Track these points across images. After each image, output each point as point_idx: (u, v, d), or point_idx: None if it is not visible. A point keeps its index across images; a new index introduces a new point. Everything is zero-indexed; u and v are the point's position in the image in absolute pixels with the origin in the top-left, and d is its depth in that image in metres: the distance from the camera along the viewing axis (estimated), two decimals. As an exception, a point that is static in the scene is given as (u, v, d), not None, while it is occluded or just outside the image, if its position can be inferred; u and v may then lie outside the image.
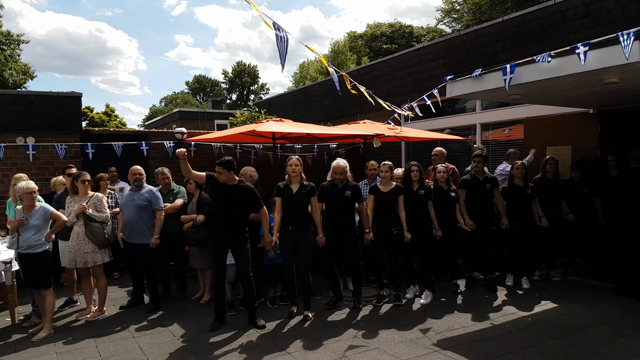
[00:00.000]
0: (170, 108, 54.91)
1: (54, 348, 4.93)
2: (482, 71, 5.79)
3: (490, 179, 6.59)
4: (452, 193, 6.44)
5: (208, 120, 30.46)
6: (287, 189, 5.65)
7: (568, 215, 6.93)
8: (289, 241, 5.62)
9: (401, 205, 6.02)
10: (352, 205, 5.88)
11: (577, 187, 6.99)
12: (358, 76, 12.11)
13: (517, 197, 6.57)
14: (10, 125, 7.89)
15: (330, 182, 5.89)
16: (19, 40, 27.27)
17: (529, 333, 5.01)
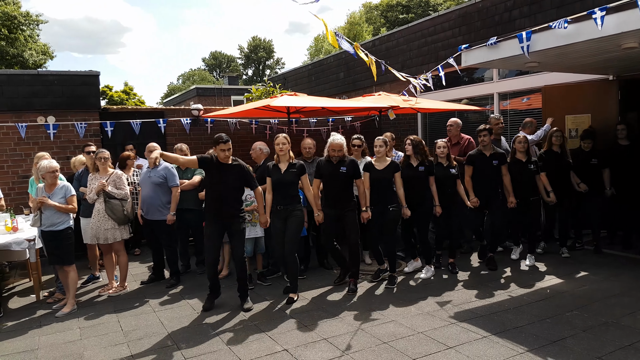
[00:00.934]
0: (187, 85, 55.01)
1: (77, 323, 5.09)
2: (497, 39, 5.65)
3: (499, 155, 6.30)
4: (452, 169, 6.22)
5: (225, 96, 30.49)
6: (276, 168, 5.53)
7: (580, 185, 6.68)
8: (278, 221, 5.52)
9: (398, 183, 5.82)
10: (348, 181, 5.69)
11: (586, 157, 6.73)
12: (373, 47, 11.95)
13: (520, 173, 6.34)
14: (31, 105, 8.01)
15: (327, 158, 5.72)
16: (38, 20, 27.44)
17: (547, 304, 5.00)
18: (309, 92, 13.77)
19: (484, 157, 6.29)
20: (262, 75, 60.01)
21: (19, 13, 25.26)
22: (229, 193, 5.18)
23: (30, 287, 6.39)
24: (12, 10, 24.82)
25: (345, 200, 5.68)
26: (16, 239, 5.73)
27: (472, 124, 9.74)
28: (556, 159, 6.59)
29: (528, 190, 6.35)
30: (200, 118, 9.17)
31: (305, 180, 5.52)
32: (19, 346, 4.54)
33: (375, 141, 5.90)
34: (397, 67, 10.26)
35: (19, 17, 25.15)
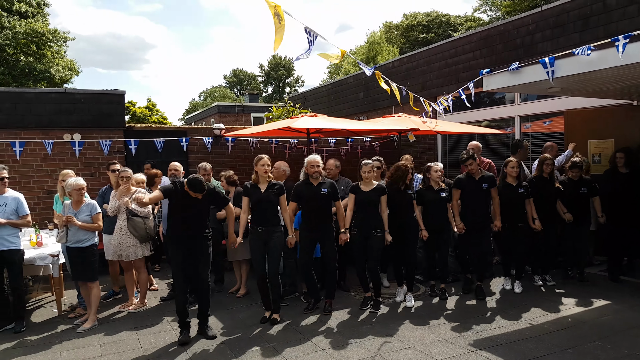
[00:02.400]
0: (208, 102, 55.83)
1: (98, 339, 5.15)
2: (519, 64, 5.67)
3: (487, 178, 6.18)
4: (442, 193, 6.12)
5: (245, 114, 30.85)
6: (255, 188, 5.44)
7: (565, 215, 6.53)
8: (258, 242, 5.43)
9: (384, 207, 5.71)
10: (329, 203, 5.64)
11: (575, 186, 6.61)
12: (393, 68, 12.03)
13: (510, 197, 6.19)
14: (58, 122, 8.23)
15: (305, 180, 5.67)
16: (65, 37, 28.19)
17: (568, 334, 4.91)
18: (328, 111, 13.89)
19: (472, 181, 6.18)
20: (282, 93, 60.71)
21: (47, 30, 25.98)
22: (195, 219, 5.03)
23: (52, 301, 6.50)
24: (41, 28, 25.55)
25: (325, 222, 5.64)
26: (40, 254, 5.86)
27: (493, 147, 9.72)
28: (544, 185, 6.47)
29: (517, 215, 6.22)
30: (221, 137, 9.30)
31: (283, 200, 5.49)
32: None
33: (364, 166, 5.74)
34: (417, 88, 10.35)
35: (47, 34, 25.86)
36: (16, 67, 24.73)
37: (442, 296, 6.15)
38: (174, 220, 5.11)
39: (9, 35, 24.12)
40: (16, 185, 7.43)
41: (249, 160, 9.51)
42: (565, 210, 6.56)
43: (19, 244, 5.51)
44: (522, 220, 6.24)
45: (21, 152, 7.93)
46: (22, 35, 24.47)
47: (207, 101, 60.13)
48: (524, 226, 6.25)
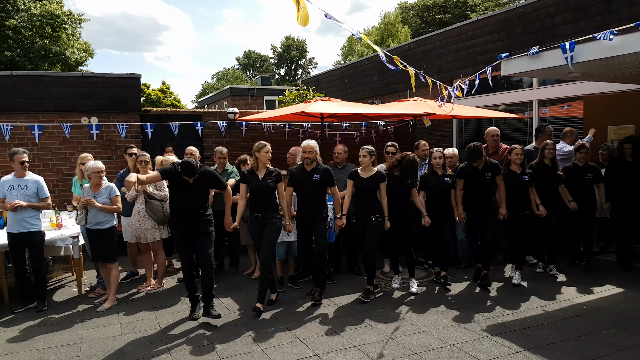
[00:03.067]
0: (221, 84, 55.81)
1: (118, 319, 5.28)
2: (539, 49, 5.58)
3: (491, 166, 6.08)
4: (446, 179, 6.04)
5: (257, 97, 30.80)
6: (253, 174, 5.45)
7: (570, 203, 6.42)
8: (256, 228, 5.44)
9: (383, 193, 5.67)
10: (322, 189, 5.65)
11: (581, 172, 6.56)
12: (409, 50, 11.90)
13: (514, 185, 6.11)
14: (76, 106, 8.31)
15: (300, 166, 5.69)
16: (80, 19, 28.25)
17: (583, 321, 4.92)
18: (342, 94, 13.81)
19: (476, 170, 6.07)
20: (295, 75, 60.43)
21: (62, 12, 26.05)
22: (193, 202, 5.05)
23: (72, 282, 6.66)
24: (56, 9, 25.63)
25: (317, 208, 5.64)
26: (60, 236, 5.99)
27: (510, 131, 9.62)
28: (546, 172, 6.37)
29: (520, 204, 6.13)
30: (235, 121, 9.33)
31: (281, 188, 5.50)
32: (63, 339, 4.76)
33: (360, 150, 5.76)
34: (433, 71, 10.24)
35: (62, 16, 25.94)
36: (32, 49, 24.89)
37: (445, 283, 6.10)
38: (173, 202, 5.22)
39: (25, 18, 24.25)
40: (36, 168, 7.55)
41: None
42: (570, 198, 6.43)
43: (39, 225, 5.63)
44: (526, 208, 6.16)
45: (40, 136, 8.04)
46: (37, 17, 24.59)
47: (219, 83, 60.15)
48: (527, 215, 6.16)
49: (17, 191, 5.45)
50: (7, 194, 5.45)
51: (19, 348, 4.58)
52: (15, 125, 7.88)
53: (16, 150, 5.55)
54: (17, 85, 7.98)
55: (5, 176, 5.61)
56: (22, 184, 5.50)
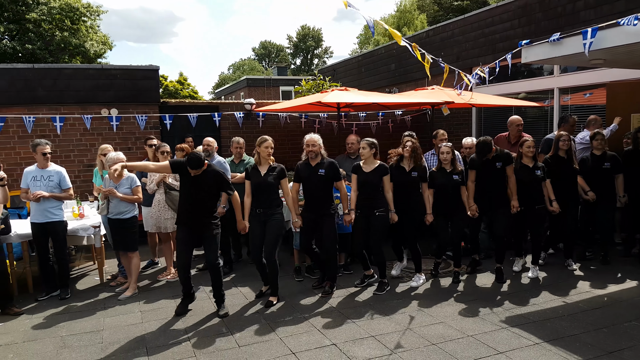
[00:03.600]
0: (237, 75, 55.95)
1: (139, 307, 5.38)
2: (560, 35, 5.47)
3: (502, 156, 5.86)
4: (455, 176, 5.81)
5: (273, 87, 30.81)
6: (255, 170, 5.37)
7: (588, 193, 6.22)
8: (257, 224, 5.37)
9: (387, 186, 5.55)
10: (327, 184, 5.50)
11: (597, 162, 6.34)
12: (426, 38, 11.77)
13: (526, 179, 5.88)
14: (96, 98, 8.42)
15: (305, 161, 5.56)
16: (98, 11, 28.51)
17: (603, 313, 4.85)
18: (359, 83, 13.74)
19: (486, 160, 5.89)
20: (310, 65, 60.25)
21: (80, 5, 26.32)
22: (202, 200, 4.99)
23: (94, 270, 6.79)
24: (75, 2, 25.89)
25: (323, 204, 5.51)
26: (82, 225, 6.10)
27: (530, 120, 9.47)
28: (561, 165, 6.16)
29: (533, 198, 5.92)
30: (252, 112, 9.36)
31: (285, 184, 5.39)
32: (86, 326, 4.87)
33: (362, 142, 5.63)
34: (451, 59, 10.11)
35: (80, 9, 26.21)
36: (52, 42, 25.21)
37: (455, 279, 5.95)
38: (181, 197, 5.16)
39: (45, 11, 24.55)
40: (57, 159, 7.67)
41: (279, 135, 9.59)
42: (587, 188, 6.25)
43: (62, 215, 5.74)
44: (539, 202, 5.95)
45: (61, 127, 8.17)
46: (57, 10, 24.88)
47: (236, 74, 60.30)
48: (541, 209, 5.97)
49: (40, 182, 5.56)
50: (30, 184, 5.56)
51: (42, 335, 4.69)
52: (38, 117, 8.02)
53: (39, 141, 5.65)
54: (39, 78, 8.11)
55: (28, 167, 5.72)
56: (44, 175, 5.60)
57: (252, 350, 4.25)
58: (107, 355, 4.24)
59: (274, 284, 5.44)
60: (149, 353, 4.25)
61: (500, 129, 8.17)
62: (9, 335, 4.69)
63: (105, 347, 4.39)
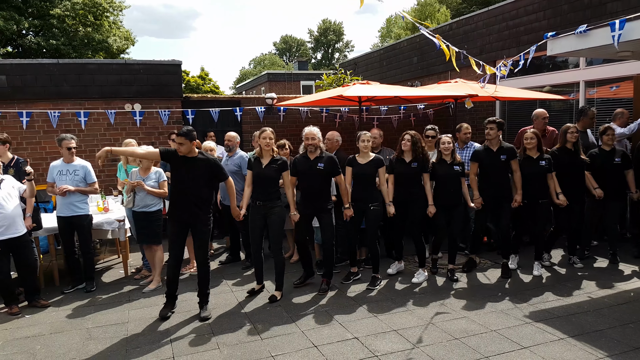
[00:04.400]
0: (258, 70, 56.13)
1: (162, 299, 5.40)
2: (587, 27, 5.34)
3: (507, 149, 5.75)
4: (456, 167, 5.70)
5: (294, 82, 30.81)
6: (257, 162, 5.30)
7: (595, 190, 6.03)
8: (257, 216, 5.31)
9: (382, 179, 5.50)
10: (326, 179, 5.40)
11: (607, 156, 6.10)
12: (450, 31, 11.61)
13: (530, 171, 5.75)
14: (119, 93, 8.54)
15: (303, 154, 5.48)
16: (121, 6, 28.89)
17: (630, 308, 4.77)
18: (380, 77, 13.65)
19: (490, 153, 5.79)
20: (331, 59, 60.12)
21: (103, 0, 26.69)
22: (194, 190, 4.83)
23: (119, 263, 6.91)
24: (98, -3, 26.31)
25: (321, 199, 5.42)
26: (107, 219, 6.20)
27: (555, 113, 9.29)
28: (569, 157, 5.97)
29: (537, 191, 5.78)
30: (273, 107, 9.38)
31: (287, 176, 5.31)
32: (111, 318, 4.96)
33: (362, 135, 5.55)
34: (475, 52, 9.97)
35: (103, 4, 26.60)
36: (75, 37, 25.65)
37: (451, 277, 5.79)
38: (172, 188, 5.00)
39: (68, 6, 24.97)
40: (82, 154, 7.81)
41: (300, 130, 9.57)
42: (595, 185, 6.06)
43: (87, 209, 5.84)
44: (544, 196, 5.81)
45: (86, 122, 8.31)
46: (80, 6, 25.29)
47: (257, 69, 60.50)
48: (545, 203, 5.83)
49: (66, 176, 5.66)
50: (56, 178, 5.67)
51: (69, 327, 4.80)
52: (62, 112, 8.17)
53: (64, 136, 5.75)
54: (63, 73, 8.26)
55: (54, 162, 5.83)
56: (70, 169, 5.71)
57: (275, 343, 4.28)
58: (132, 347, 4.31)
59: (280, 278, 5.39)
60: (173, 345, 4.31)
61: (525, 123, 8.03)
62: (36, 327, 4.81)
63: (130, 339, 4.46)
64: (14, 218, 5.11)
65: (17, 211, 5.18)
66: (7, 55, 24.29)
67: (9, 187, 5.21)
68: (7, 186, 5.19)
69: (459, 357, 3.92)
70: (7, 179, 5.26)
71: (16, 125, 7.97)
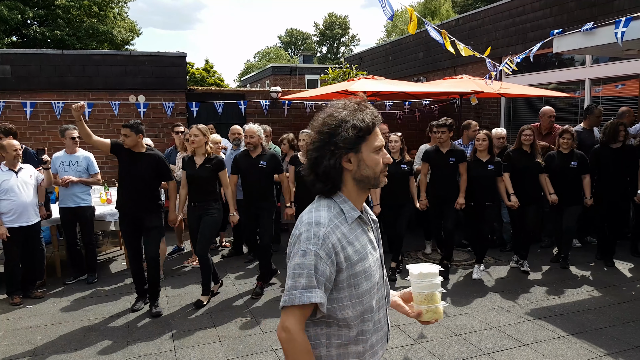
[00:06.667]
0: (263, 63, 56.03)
1: (164, 292, 5.47)
2: (593, 25, 5.30)
3: (457, 152, 5.71)
4: (403, 166, 5.66)
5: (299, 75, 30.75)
6: (191, 161, 5.09)
7: (550, 196, 5.86)
8: (194, 219, 5.13)
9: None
10: (268, 177, 5.30)
11: (564, 160, 5.90)
12: (456, 27, 11.54)
13: (478, 174, 5.67)
14: (124, 84, 8.53)
15: (244, 152, 5.33)
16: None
17: (631, 307, 4.76)
18: (385, 72, 13.60)
19: (440, 154, 5.74)
20: (337, 53, 59.92)
21: (108, -9, 26.66)
22: (141, 185, 4.75)
23: (121, 255, 6.93)
24: (102, -12, 26.23)
25: (263, 198, 5.29)
26: (110, 211, 6.21)
27: (560, 111, 9.26)
28: (525, 159, 5.83)
29: (485, 193, 5.70)
30: (278, 100, 9.36)
31: (224, 176, 5.12)
32: (112, 310, 4.98)
33: (300, 134, 5.42)
34: (481, 48, 9.90)
35: (108, -5, 26.58)
36: (80, 28, 25.60)
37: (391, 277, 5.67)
38: (120, 183, 4.91)
39: (73, -3, 24.90)
40: (86, 145, 7.78)
41: (304, 124, 9.55)
42: (551, 190, 5.87)
43: (90, 200, 5.86)
44: (491, 199, 5.74)
45: (90, 113, 8.31)
46: (85, -3, 25.22)
47: (261, 62, 60.39)
48: (492, 205, 5.76)
49: (69, 167, 5.68)
50: (59, 169, 5.68)
51: (70, 318, 4.82)
52: (67, 102, 8.17)
53: (67, 126, 5.76)
54: (68, 64, 8.26)
55: (57, 153, 5.84)
56: (73, 160, 5.72)
57: (276, 336, 4.29)
58: (133, 338, 4.33)
59: (207, 282, 5.16)
60: (174, 337, 4.33)
61: (530, 120, 8.01)
62: (37, 318, 4.83)
63: (131, 331, 4.48)
64: (26, 207, 5.15)
65: (31, 200, 5.21)
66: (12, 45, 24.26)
67: (26, 176, 5.25)
68: (24, 175, 5.23)
69: (459, 353, 3.93)
70: (26, 168, 5.32)
71: (20, 116, 7.98)
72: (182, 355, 4.00)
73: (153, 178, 4.84)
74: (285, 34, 66.86)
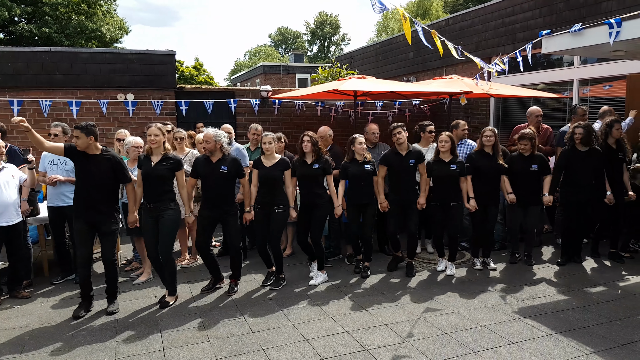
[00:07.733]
0: (254, 61, 55.89)
1: (153, 291, 5.44)
2: (582, 26, 5.36)
3: (415, 153, 5.74)
4: (366, 166, 5.67)
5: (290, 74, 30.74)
6: (147, 159, 4.97)
7: (508, 195, 5.97)
8: (149, 220, 4.99)
9: (287, 182, 5.41)
10: (229, 182, 5.21)
11: (525, 162, 6.00)
12: (446, 27, 11.61)
13: (441, 174, 5.74)
14: (112, 82, 8.47)
15: (205, 156, 5.25)
16: (115, -5, 28.66)
17: (617, 305, 4.82)
18: (376, 72, 13.64)
19: (399, 157, 5.75)
20: (327, 52, 59.95)
21: (97, -12, 26.46)
22: (97, 188, 4.66)
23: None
24: (91, -15, 26.03)
25: (225, 202, 5.21)
26: (99, 210, 6.14)
27: (549, 111, 9.34)
28: (487, 160, 5.92)
29: (449, 194, 5.76)
30: (268, 99, 9.35)
31: (180, 176, 5.02)
32: (100, 309, 4.93)
33: (264, 137, 5.38)
34: (471, 48, 9.99)
35: (97, -8, 26.38)
36: (68, 25, 25.38)
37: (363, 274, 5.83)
38: (76, 186, 4.76)
39: (61, -6, 24.68)
40: (74, 143, 7.74)
41: (294, 123, 9.59)
42: (509, 190, 5.99)
43: (79, 199, 5.78)
44: (456, 199, 5.79)
45: (77, 111, 8.24)
46: (73, -6, 25.02)
47: (252, 60, 60.25)
48: (457, 205, 5.79)
49: (57, 166, 5.62)
50: (47, 168, 5.62)
51: (58, 318, 4.77)
52: (54, 100, 8.10)
53: (57, 124, 5.70)
54: (55, 62, 8.18)
55: (45, 151, 5.77)
56: (61, 159, 5.65)
57: (266, 336, 4.29)
58: (121, 338, 4.30)
59: (172, 282, 5.13)
60: (163, 337, 4.31)
61: (519, 120, 8.07)
62: (24, 318, 4.78)
63: (120, 331, 4.45)
64: (7, 207, 5.08)
65: (12, 200, 5.15)
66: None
67: (8, 175, 5.19)
68: (6, 174, 5.17)
69: (448, 351, 3.95)
70: (8, 167, 5.25)
71: (7, 114, 7.88)
72: (171, 355, 3.98)
73: (109, 180, 4.74)
74: (275, 33, 66.84)
